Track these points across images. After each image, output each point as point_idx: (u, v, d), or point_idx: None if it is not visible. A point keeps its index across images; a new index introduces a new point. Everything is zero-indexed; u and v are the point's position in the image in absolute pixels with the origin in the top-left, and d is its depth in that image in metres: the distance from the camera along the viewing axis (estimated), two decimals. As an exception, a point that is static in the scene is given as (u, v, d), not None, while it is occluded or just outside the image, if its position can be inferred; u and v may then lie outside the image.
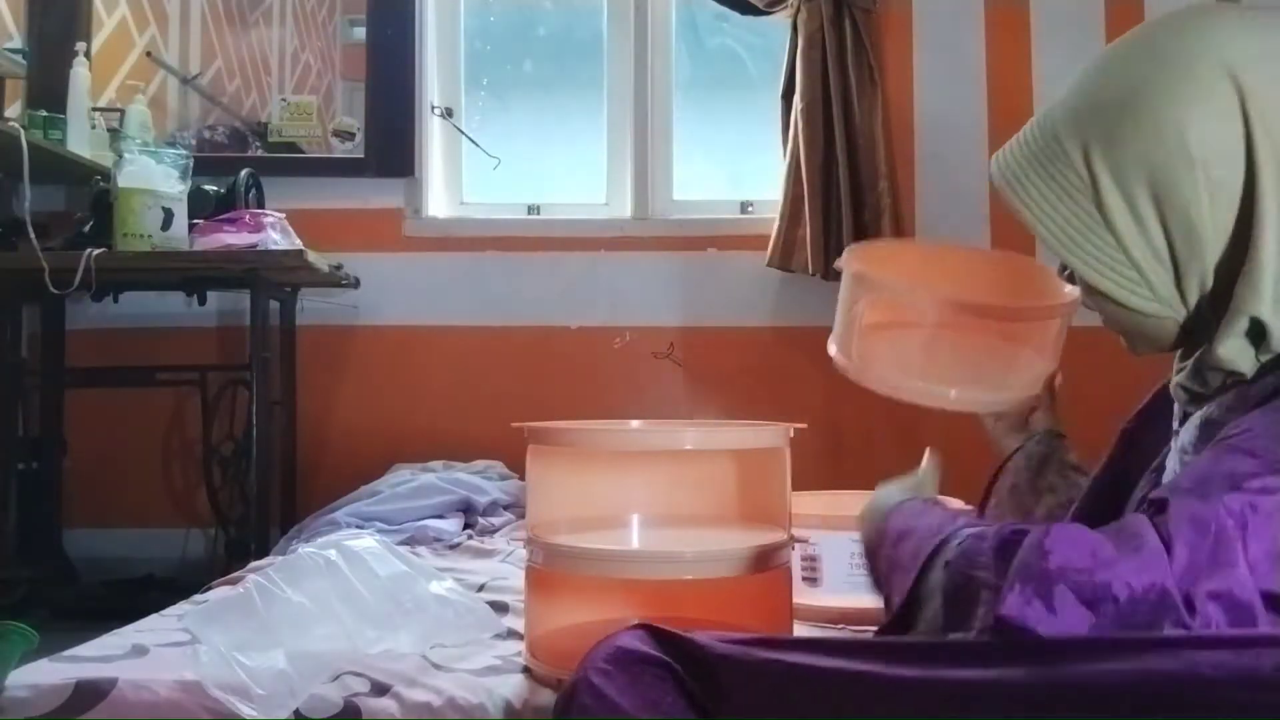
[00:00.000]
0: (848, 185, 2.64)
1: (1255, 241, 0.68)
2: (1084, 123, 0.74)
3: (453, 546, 1.98)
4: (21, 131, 2.27)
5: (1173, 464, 0.79)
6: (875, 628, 1.37)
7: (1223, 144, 0.69)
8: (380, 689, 1.06)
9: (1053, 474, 1.06)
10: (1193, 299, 0.73)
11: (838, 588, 1.39)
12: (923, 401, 1.05)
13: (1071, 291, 0.88)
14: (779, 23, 2.80)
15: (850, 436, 2.64)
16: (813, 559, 1.41)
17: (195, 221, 2.35)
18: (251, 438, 2.33)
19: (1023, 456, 1.06)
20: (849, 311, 1.08)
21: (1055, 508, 1.10)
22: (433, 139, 2.95)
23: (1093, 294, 0.77)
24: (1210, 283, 0.72)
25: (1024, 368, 1.04)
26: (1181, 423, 0.79)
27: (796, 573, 1.40)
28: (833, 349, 1.13)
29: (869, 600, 1.39)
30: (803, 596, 1.39)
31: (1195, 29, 0.72)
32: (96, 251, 2.21)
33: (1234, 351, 0.71)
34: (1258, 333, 0.70)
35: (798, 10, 2.71)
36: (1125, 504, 0.84)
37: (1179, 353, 0.81)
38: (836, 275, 2.62)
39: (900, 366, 1.05)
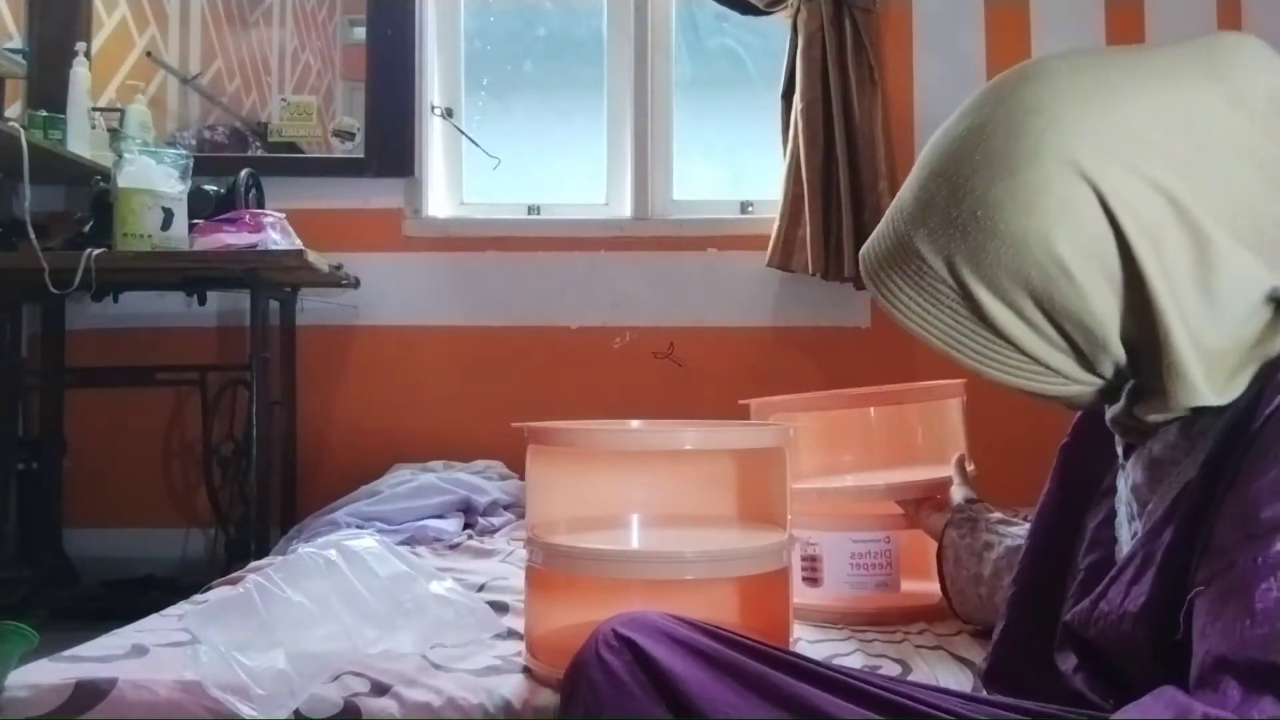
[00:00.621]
0: (848, 185, 2.64)
1: (1165, 334, 0.64)
2: (940, 238, 0.70)
3: (453, 546, 1.98)
4: (21, 131, 2.27)
5: (1125, 496, 0.77)
6: (874, 627, 1.37)
7: (1095, 246, 0.65)
8: (380, 689, 1.06)
9: (984, 533, 1.16)
10: (1108, 371, 0.70)
11: (838, 587, 1.40)
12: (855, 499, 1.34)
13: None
14: (779, 22, 2.80)
15: (850, 436, 2.64)
16: (813, 559, 1.41)
17: (195, 221, 2.35)
18: (251, 438, 2.33)
19: (953, 529, 1.20)
20: None
21: (1000, 559, 1.15)
22: (433, 139, 2.95)
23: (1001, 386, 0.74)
24: (1122, 354, 0.69)
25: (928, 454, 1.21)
26: (1125, 453, 0.77)
27: (796, 573, 1.40)
28: None
29: (869, 599, 1.39)
30: (803, 596, 1.39)
31: (1032, 128, 0.66)
32: (96, 251, 2.21)
33: (1163, 412, 0.68)
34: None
35: (798, 10, 2.71)
36: (1077, 523, 0.84)
37: None
38: (837, 275, 2.64)
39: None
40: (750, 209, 2.92)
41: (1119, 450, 0.79)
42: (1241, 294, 0.64)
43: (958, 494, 1.22)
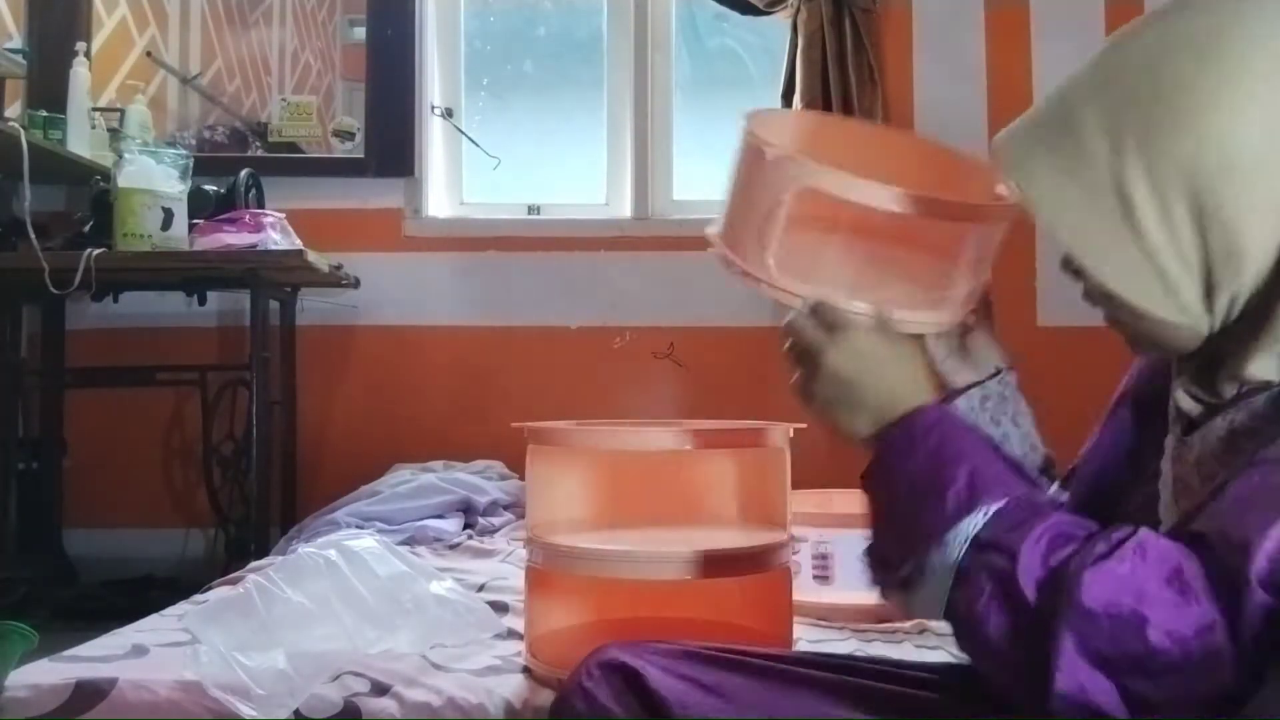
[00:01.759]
0: (848, 185, 2.64)
1: None
2: (1114, 114, 0.66)
3: (453, 546, 1.98)
4: (21, 131, 2.27)
5: (1172, 477, 0.75)
6: (885, 623, 1.35)
7: (1273, 153, 0.62)
8: (380, 689, 1.06)
9: (1007, 421, 0.91)
10: (1220, 313, 0.67)
11: (850, 586, 1.39)
12: None
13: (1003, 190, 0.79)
14: (779, 23, 2.80)
15: (850, 436, 2.64)
16: (824, 557, 1.41)
17: (195, 221, 2.35)
18: (251, 438, 2.33)
19: (979, 394, 0.89)
20: (764, 205, 0.82)
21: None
22: (433, 139, 2.95)
23: (1105, 297, 0.70)
24: (1244, 299, 0.66)
25: (960, 280, 0.86)
26: (1185, 429, 0.74)
27: (806, 571, 1.41)
28: (721, 247, 0.88)
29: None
30: (814, 594, 1.39)
31: (1235, 17, 0.64)
32: (96, 251, 2.21)
33: (1269, 369, 0.66)
34: None
35: (798, 10, 2.71)
36: (1137, 481, 0.80)
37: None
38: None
39: (828, 280, 0.82)
40: (750, 209, 2.91)
41: (1172, 429, 0.76)
42: None
43: (983, 342, 0.89)
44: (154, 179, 2.30)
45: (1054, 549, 0.62)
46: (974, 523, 0.65)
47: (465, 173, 3.00)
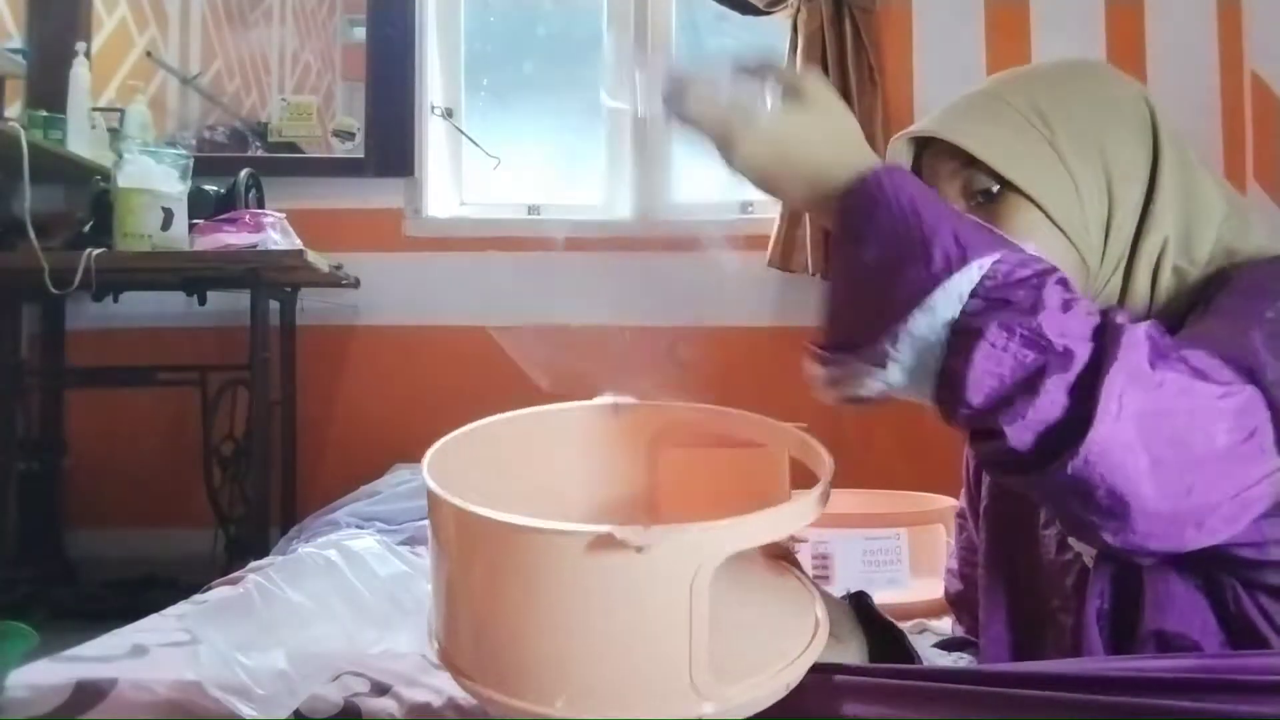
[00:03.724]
0: (848, 185, 2.64)
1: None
2: (1032, 92, 0.78)
3: (453, 546, 1.98)
4: (21, 131, 2.28)
5: None
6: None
7: (1140, 116, 0.77)
8: (380, 689, 1.06)
9: None
10: (1113, 245, 0.75)
11: (849, 586, 1.40)
12: None
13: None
14: (779, 23, 2.80)
15: (850, 436, 2.64)
16: (824, 557, 1.41)
17: (195, 221, 2.35)
18: (251, 438, 2.33)
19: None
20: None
21: None
22: (433, 139, 2.95)
23: (1027, 219, 0.74)
24: (1128, 235, 0.75)
25: None
26: None
27: (806, 571, 1.41)
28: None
29: (878, 597, 1.39)
30: (812, 595, 1.40)
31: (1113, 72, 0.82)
32: (96, 251, 2.21)
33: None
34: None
35: (798, 10, 2.71)
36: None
37: None
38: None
39: None
40: (750, 209, 2.92)
41: None
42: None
43: None
44: (154, 179, 2.30)
45: (1073, 299, 0.59)
46: (968, 277, 0.59)
47: (465, 173, 3.00)
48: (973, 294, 0.59)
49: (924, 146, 0.82)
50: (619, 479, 0.83)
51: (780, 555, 0.79)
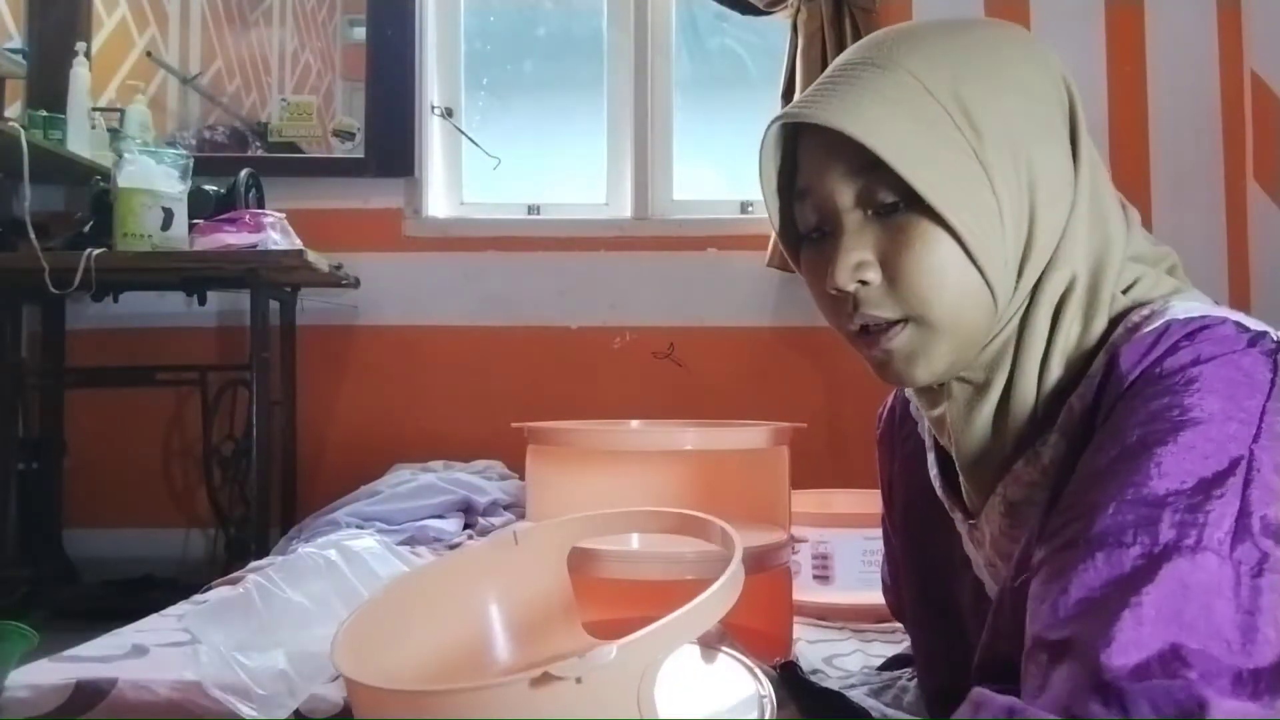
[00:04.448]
0: (848, 185, 2.64)
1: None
2: (933, 68, 0.63)
3: (453, 546, 1.98)
4: (21, 131, 2.28)
5: (984, 561, 0.73)
6: (884, 622, 1.32)
7: (1062, 114, 0.66)
8: (380, 689, 1.05)
9: None
10: (1027, 273, 0.64)
11: (849, 585, 1.40)
12: None
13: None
14: (779, 22, 2.80)
15: (850, 436, 2.64)
16: (825, 557, 1.41)
17: (195, 221, 2.35)
18: (251, 438, 2.33)
19: None
20: None
21: None
22: (433, 139, 2.95)
23: (936, 247, 0.62)
24: (1039, 267, 0.64)
25: None
26: (964, 503, 0.73)
27: (806, 571, 1.41)
28: None
29: (879, 597, 1.39)
30: (814, 594, 1.39)
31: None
32: (96, 251, 2.21)
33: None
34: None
35: (798, 10, 2.71)
36: (955, 576, 0.78)
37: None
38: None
39: None
40: (750, 209, 2.92)
41: (953, 513, 0.74)
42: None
43: None
44: (154, 179, 2.30)
45: None
46: None
47: (465, 173, 3.00)
48: None
49: (801, 130, 0.67)
50: (537, 597, 0.83)
51: (716, 637, 0.77)
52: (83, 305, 2.64)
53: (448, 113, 2.96)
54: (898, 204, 0.62)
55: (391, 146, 2.86)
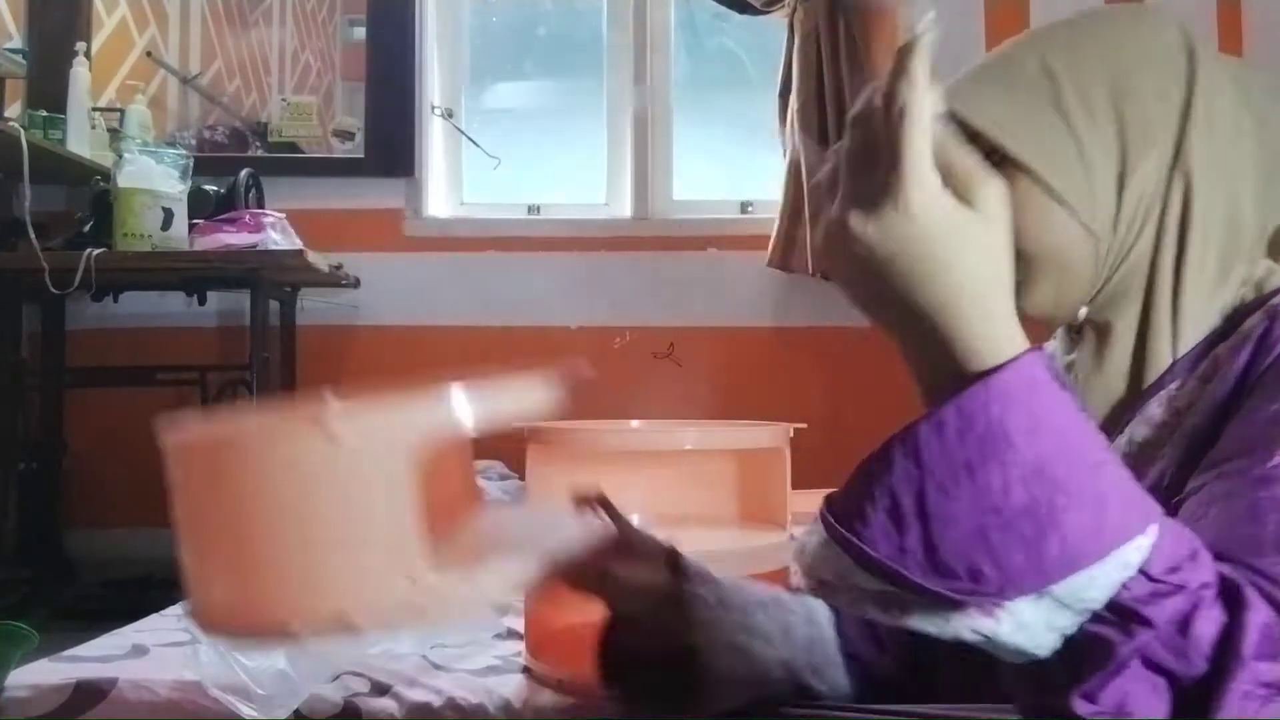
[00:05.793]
0: (848, 185, 2.64)
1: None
2: (1043, 51, 0.68)
3: (453, 546, 1.98)
4: (21, 131, 2.28)
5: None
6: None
7: (1174, 66, 0.68)
8: (380, 689, 1.05)
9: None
10: (1125, 222, 0.66)
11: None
12: None
13: None
14: (777, 22, 2.80)
15: (850, 436, 2.63)
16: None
17: (195, 221, 2.35)
18: (251, 438, 2.33)
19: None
20: None
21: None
22: (433, 139, 2.95)
23: (1026, 203, 0.64)
24: (1141, 214, 0.66)
25: None
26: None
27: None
28: None
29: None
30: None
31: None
32: (96, 251, 2.21)
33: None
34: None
35: (794, 10, 2.71)
36: None
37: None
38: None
39: None
40: (750, 209, 2.92)
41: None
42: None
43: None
44: (154, 179, 2.30)
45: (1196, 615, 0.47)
46: (1110, 579, 0.46)
47: (465, 173, 3.00)
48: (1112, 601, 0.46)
49: None
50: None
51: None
52: (83, 305, 2.63)
53: (448, 113, 2.96)
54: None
55: (391, 147, 2.86)
